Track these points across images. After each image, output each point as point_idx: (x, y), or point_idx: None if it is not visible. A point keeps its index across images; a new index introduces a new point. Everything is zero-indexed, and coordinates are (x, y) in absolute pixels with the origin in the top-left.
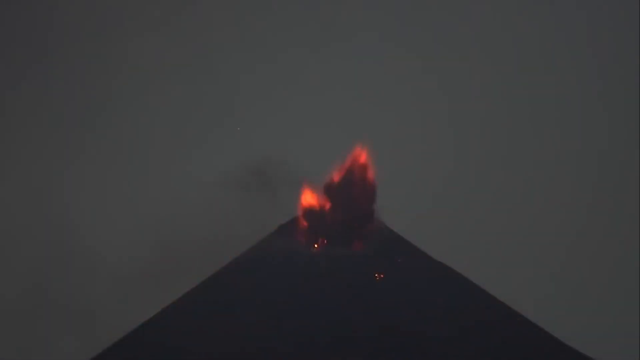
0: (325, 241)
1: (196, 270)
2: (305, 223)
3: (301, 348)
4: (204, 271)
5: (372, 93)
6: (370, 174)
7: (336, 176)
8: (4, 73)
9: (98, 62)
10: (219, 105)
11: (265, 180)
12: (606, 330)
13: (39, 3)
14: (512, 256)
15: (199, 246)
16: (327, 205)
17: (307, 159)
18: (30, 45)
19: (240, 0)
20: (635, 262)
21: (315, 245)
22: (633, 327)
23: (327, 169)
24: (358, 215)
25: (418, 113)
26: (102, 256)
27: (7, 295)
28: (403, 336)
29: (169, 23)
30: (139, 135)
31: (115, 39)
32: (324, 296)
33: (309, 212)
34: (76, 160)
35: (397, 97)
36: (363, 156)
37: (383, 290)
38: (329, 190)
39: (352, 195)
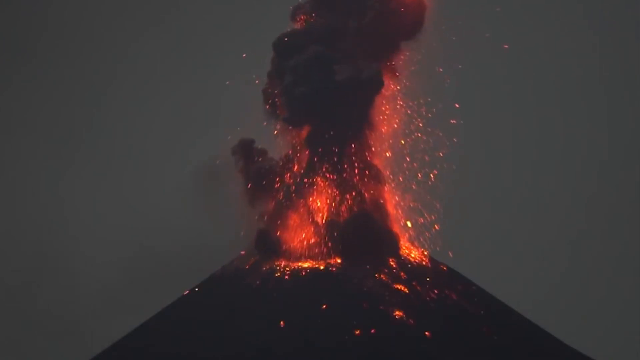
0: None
1: (190, 275)
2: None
3: (299, 353)
4: (198, 276)
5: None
6: None
7: None
8: None
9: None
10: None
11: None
12: (606, 330)
13: (34, 3)
14: (512, 256)
15: (192, 250)
16: None
17: None
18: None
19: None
20: (635, 262)
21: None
22: (633, 327)
23: None
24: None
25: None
26: (88, 261)
27: None
28: (403, 338)
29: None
30: (120, 141)
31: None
32: (321, 299)
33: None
34: (64, 163)
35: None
36: None
37: (382, 291)
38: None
39: None
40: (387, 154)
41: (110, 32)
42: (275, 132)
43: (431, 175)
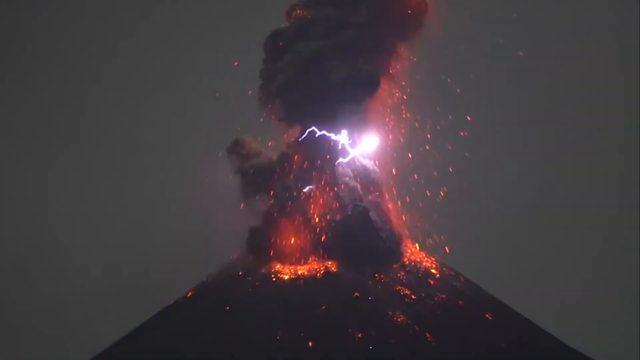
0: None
1: (190, 275)
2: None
3: (299, 353)
4: (198, 276)
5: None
6: None
7: None
8: None
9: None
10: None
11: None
12: (606, 330)
13: (34, 3)
14: (513, 256)
15: (191, 250)
16: None
17: None
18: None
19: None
20: (635, 262)
21: None
22: (633, 327)
23: None
24: None
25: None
26: (87, 261)
27: None
28: (403, 339)
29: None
30: (120, 141)
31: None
32: (321, 300)
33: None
34: (64, 163)
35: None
36: None
37: (380, 291)
38: None
39: None
40: (393, 172)
41: (110, 32)
42: (270, 143)
43: (441, 193)
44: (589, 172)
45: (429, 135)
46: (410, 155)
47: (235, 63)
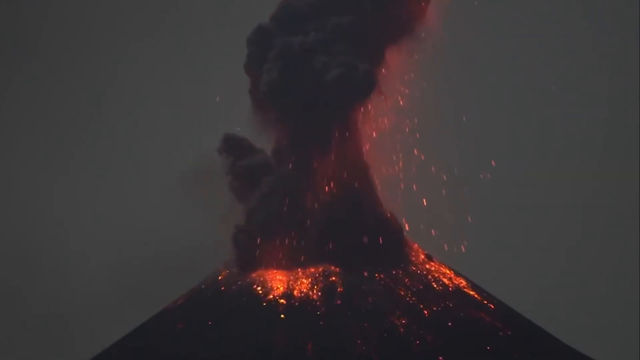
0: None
1: (189, 275)
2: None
3: (299, 353)
4: (198, 276)
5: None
6: None
7: None
8: None
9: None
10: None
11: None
12: (606, 330)
13: (34, 3)
14: (512, 256)
15: (191, 250)
16: None
17: None
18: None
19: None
20: (635, 262)
21: None
22: (633, 327)
23: None
24: None
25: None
26: (87, 261)
27: None
28: (403, 339)
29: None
30: (120, 141)
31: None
32: (320, 302)
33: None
34: (63, 164)
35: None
36: None
37: (379, 292)
38: None
39: None
40: (406, 227)
41: (110, 32)
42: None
43: (462, 247)
44: (584, 163)
45: (444, 177)
46: (424, 202)
47: (217, 98)
